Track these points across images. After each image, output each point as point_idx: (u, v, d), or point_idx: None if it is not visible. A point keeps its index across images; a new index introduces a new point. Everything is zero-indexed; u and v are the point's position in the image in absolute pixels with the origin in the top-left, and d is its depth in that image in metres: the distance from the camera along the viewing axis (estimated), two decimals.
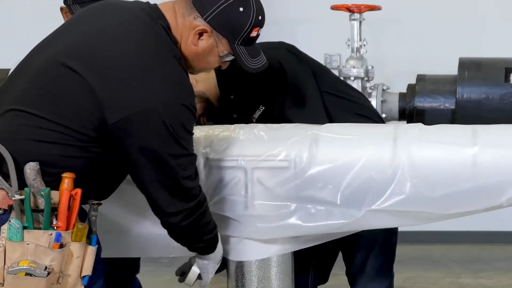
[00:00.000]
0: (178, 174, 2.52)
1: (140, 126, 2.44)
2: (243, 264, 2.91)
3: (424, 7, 6.38)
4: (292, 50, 3.38)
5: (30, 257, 2.37)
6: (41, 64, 2.52)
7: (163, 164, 2.50)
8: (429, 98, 5.19)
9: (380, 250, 3.45)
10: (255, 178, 2.79)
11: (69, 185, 2.42)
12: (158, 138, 2.47)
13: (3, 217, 2.42)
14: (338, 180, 2.75)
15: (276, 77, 3.21)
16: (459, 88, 5.11)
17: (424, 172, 2.71)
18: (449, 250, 6.37)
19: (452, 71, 5.25)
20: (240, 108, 3.33)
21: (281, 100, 3.23)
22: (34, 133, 2.45)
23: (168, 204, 2.56)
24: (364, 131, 2.90)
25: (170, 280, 5.69)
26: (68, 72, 2.46)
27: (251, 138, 2.86)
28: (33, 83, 2.50)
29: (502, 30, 6.37)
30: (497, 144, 2.74)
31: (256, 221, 2.80)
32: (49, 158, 2.43)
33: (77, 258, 2.45)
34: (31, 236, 2.38)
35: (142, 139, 2.46)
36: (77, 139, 2.45)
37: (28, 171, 2.39)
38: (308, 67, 3.34)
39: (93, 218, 2.49)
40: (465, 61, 5.25)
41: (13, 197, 2.38)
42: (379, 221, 2.79)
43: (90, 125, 2.44)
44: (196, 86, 3.03)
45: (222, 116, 3.35)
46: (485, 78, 5.14)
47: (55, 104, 2.46)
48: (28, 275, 2.37)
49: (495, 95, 5.07)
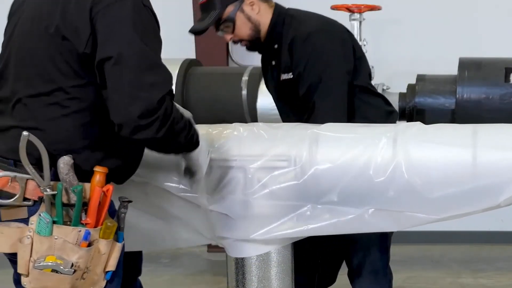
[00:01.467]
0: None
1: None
2: (243, 264, 2.91)
3: (424, 7, 6.37)
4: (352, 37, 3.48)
5: (57, 252, 2.37)
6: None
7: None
8: (429, 98, 5.19)
9: (376, 252, 3.46)
10: (255, 177, 2.79)
11: (101, 181, 2.41)
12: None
13: (32, 208, 2.42)
14: (337, 180, 2.75)
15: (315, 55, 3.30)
16: (459, 88, 5.10)
17: (423, 172, 2.71)
18: (449, 250, 6.37)
19: (452, 71, 5.25)
20: (277, 60, 3.41)
21: (312, 84, 3.29)
22: (47, 113, 2.44)
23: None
24: (363, 130, 2.90)
25: (170, 280, 5.73)
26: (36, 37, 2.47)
27: (251, 137, 2.87)
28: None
29: (502, 30, 6.36)
30: (497, 144, 2.74)
31: (255, 221, 2.80)
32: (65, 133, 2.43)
33: (103, 255, 2.45)
34: (60, 232, 2.37)
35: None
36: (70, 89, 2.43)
37: (62, 166, 2.38)
38: (351, 61, 3.40)
39: (122, 215, 2.49)
40: (465, 61, 5.24)
41: (45, 191, 2.37)
42: (379, 221, 2.79)
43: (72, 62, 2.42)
44: (257, 14, 3.34)
45: (263, 56, 3.53)
46: (485, 78, 5.14)
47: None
48: (54, 272, 2.37)
49: (495, 95, 5.07)
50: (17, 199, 2.42)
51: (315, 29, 3.36)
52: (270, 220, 2.80)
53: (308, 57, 3.31)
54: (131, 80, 2.36)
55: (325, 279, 3.67)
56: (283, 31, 3.39)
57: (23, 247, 2.39)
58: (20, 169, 2.42)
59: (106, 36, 2.39)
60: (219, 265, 5.87)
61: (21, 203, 2.42)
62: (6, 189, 2.43)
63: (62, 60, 2.43)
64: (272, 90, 3.58)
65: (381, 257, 3.49)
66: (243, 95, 5.38)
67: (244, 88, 5.39)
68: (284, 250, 2.93)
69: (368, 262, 3.47)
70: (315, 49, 3.31)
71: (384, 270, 3.50)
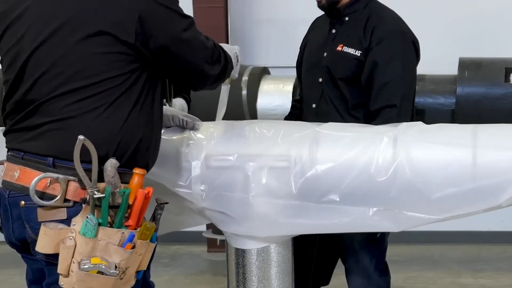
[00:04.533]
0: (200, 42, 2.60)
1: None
2: (243, 264, 2.91)
3: (424, 7, 6.37)
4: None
5: (99, 253, 2.37)
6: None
7: (185, 43, 2.55)
8: (429, 98, 5.19)
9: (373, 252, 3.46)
10: (255, 176, 2.79)
11: (140, 183, 2.43)
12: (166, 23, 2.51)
13: (72, 209, 2.42)
14: (337, 179, 2.75)
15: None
16: (459, 88, 5.11)
17: (424, 172, 2.71)
18: (449, 250, 6.37)
19: (452, 71, 5.25)
20: (341, 31, 3.48)
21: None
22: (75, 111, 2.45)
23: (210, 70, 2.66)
24: (364, 130, 2.90)
25: (170, 280, 5.73)
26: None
27: (252, 136, 2.86)
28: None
29: (502, 30, 6.36)
30: (497, 144, 2.74)
31: (256, 220, 2.80)
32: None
33: (140, 255, 2.46)
34: (104, 233, 2.38)
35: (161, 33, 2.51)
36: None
37: (109, 169, 2.39)
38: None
39: (158, 216, 2.51)
40: (465, 61, 5.25)
41: (94, 195, 2.37)
42: (380, 221, 2.79)
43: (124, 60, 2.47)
44: None
45: (321, 21, 3.61)
46: (485, 78, 5.14)
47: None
48: (99, 273, 2.37)
49: (495, 95, 5.07)
50: (58, 200, 2.41)
51: (407, 29, 3.47)
52: (270, 219, 2.80)
53: (393, 54, 3.36)
54: (195, 54, 2.58)
55: (319, 280, 3.67)
56: (360, 8, 3.45)
57: (66, 248, 2.38)
58: (60, 169, 2.43)
59: (156, 24, 2.48)
60: (219, 265, 5.88)
61: (61, 204, 2.42)
62: (46, 190, 2.43)
63: (102, 53, 2.45)
64: (311, 55, 3.58)
65: (378, 256, 3.49)
66: (243, 95, 5.38)
67: (244, 88, 5.40)
68: (284, 250, 2.93)
69: (365, 262, 3.47)
70: (404, 49, 3.39)
71: (381, 270, 3.50)
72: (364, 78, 3.35)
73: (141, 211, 2.42)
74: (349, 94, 3.40)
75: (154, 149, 2.62)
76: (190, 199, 2.85)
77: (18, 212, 2.49)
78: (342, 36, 3.44)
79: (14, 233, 2.54)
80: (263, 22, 6.66)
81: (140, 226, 2.43)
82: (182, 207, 2.95)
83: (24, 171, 2.46)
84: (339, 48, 3.42)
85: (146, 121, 2.54)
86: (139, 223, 2.43)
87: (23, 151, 2.49)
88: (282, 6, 6.59)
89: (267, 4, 6.67)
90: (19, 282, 2.86)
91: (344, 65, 3.40)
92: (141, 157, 2.53)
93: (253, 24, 6.68)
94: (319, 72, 3.49)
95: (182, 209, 2.97)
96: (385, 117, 3.26)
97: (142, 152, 2.53)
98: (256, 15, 6.67)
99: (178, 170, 2.83)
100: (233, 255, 2.93)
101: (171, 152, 2.84)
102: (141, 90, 2.52)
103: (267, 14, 6.67)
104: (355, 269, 3.48)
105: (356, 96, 3.39)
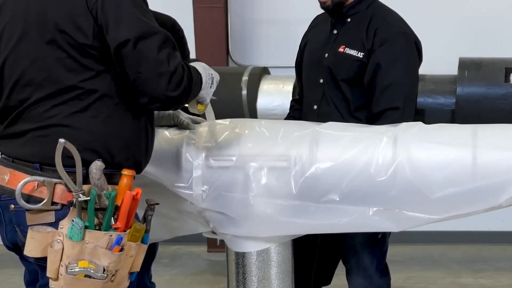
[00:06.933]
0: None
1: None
2: (243, 264, 2.91)
3: (424, 7, 6.37)
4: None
5: (87, 256, 2.37)
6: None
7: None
8: (429, 98, 5.19)
9: (373, 252, 3.46)
10: (255, 176, 2.79)
11: (129, 184, 2.42)
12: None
13: (60, 212, 2.41)
14: (337, 179, 2.75)
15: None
16: (459, 88, 5.11)
17: (424, 172, 2.71)
18: (449, 250, 6.37)
19: (452, 71, 5.25)
20: (342, 32, 3.45)
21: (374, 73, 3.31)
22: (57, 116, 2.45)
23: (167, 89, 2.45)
24: (364, 130, 2.90)
25: (170, 280, 5.73)
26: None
27: (252, 135, 2.86)
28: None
29: (502, 30, 6.36)
30: (497, 144, 2.74)
31: (256, 220, 2.80)
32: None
33: (131, 257, 2.45)
34: (91, 236, 2.37)
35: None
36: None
37: (95, 171, 2.38)
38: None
39: (149, 218, 2.49)
40: (465, 61, 5.25)
41: (79, 198, 2.36)
42: (380, 221, 2.79)
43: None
44: None
45: (322, 19, 3.58)
46: (485, 78, 5.14)
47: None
48: (87, 277, 2.36)
49: (495, 95, 5.07)
50: (45, 204, 2.41)
51: (409, 30, 3.43)
52: (270, 219, 2.80)
53: (396, 56, 3.33)
54: (152, 58, 2.39)
55: (321, 279, 3.67)
56: (363, 9, 3.43)
57: (53, 252, 2.38)
58: (47, 173, 2.42)
59: (114, 22, 2.40)
60: (219, 265, 5.87)
61: (49, 208, 2.41)
62: (33, 194, 2.42)
63: (67, 57, 2.43)
64: (312, 55, 3.56)
65: (379, 257, 3.49)
66: (243, 95, 5.38)
67: (244, 88, 5.40)
68: (284, 251, 2.93)
69: (367, 263, 3.47)
70: (407, 50, 3.37)
71: (382, 271, 3.50)
72: (367, 79, 3.34)
73: (130, 213, 2.39)
74: (351, 96, 3.39)
75: (145, 148, 2.59)
76: (190, 200, 2.84)
77: (10, 216, 2.49)
78: (344, 37, 3.43)
79: (7, 236, 2.55)
80: (263, 22, 6.66)
81: (130, 228, 2.41)
82: (179, 212, 2.95)
83: (14, 174, 2.46)
84: (341, 50, 3.40)
85: (131, 120, 2.51)
86: (129, 225, 2.41)
87: (12, 156, 2.49)
88: (282, 6, 6.59)
89: (267, 4, 6.67)
90: (19, 282, 2.85)
91: (346, 67, 3.39)
92: (130, 157, 2.51)
93: (253, 24, 6.67)
94: (320, 72, 3.48)
95: (179, 213, 2.97)
96: (388, 120, 3.23)
97: (131, 151, 2.51)
98: (256, 15, 6.66)
99: (179, 170, 2.83)
100: (233, 255, 2.93)
101: (171, 152, 2.84)
102: (119, 89, 2.48)
103: (267, 14, 6.67)
104: (356, 270, 3.48)
105: (358, 98, 3.38)
